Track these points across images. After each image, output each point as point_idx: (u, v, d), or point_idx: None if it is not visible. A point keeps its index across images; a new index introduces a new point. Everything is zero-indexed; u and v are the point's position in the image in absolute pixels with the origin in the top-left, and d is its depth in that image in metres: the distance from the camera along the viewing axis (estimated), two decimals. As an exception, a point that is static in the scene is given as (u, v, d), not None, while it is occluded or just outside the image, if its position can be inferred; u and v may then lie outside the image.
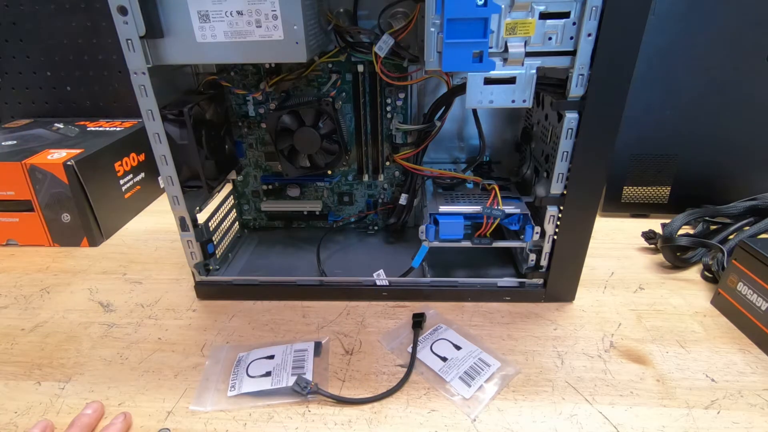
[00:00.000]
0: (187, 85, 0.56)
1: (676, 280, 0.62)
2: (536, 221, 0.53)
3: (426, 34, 0.41)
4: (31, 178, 0.68)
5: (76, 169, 0.68)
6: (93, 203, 0.71)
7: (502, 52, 0.43)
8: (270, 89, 0.59)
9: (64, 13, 0.87)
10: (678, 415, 0.42)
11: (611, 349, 0.50)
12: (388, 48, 0.48)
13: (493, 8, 0.40)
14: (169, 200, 0.52)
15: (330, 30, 0.52)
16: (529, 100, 0.44)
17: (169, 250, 0.71)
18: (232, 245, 0.67)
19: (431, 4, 0.40)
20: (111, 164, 0.77)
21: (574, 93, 0.44)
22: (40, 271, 0.67)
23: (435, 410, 0.43)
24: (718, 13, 0.64)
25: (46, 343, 0.53)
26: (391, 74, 0.54)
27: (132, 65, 0.44)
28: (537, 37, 0.42)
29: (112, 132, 0.82)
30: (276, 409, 0.43)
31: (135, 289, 0.62)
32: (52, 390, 0.46)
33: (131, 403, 0.44)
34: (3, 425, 0.42)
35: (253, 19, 0.42)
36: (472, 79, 0.43)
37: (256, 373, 0.46)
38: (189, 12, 0.42)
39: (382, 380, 0.46)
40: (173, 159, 0.49)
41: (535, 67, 0.43)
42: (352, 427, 0.42)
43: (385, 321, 0.55)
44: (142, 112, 0.47)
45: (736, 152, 0.72)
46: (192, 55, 0.44)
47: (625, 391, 0.45)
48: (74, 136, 0.80)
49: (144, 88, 0.45)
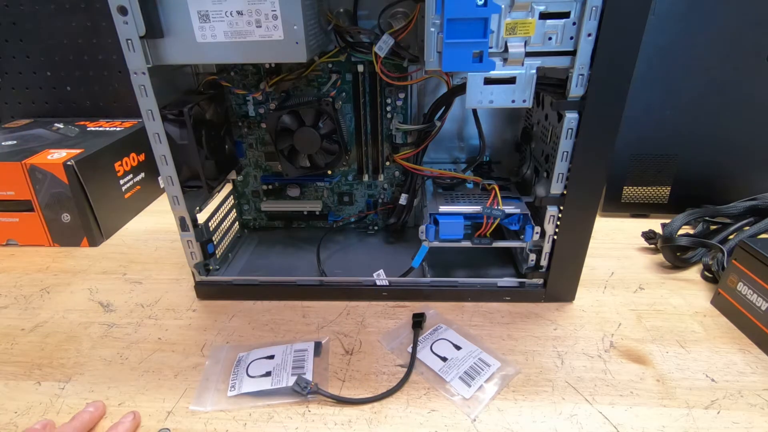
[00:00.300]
0: (187, 85, 0.56)
1: (676, 280, 0.62)
2: (536, 221, 0.53)
3: (426, 34, 0.41)
4: (31, 178, 0.68)
5: (76, 169, 0.68)
6: (93, 203, 0.71)
7: (502, 52, 0.43)
8: (270, 89, 0.59)
9: (64, 13, 0.87)
10: (678, 415, 0.42)
11: (611, 349, 0.50)
12: (388, 48, 0.48)
13: (493, 8, 0.40)
14: (169, 200, 0.52)
15: (330, 30, 0.52)
16: (529, 100, 0.44)
17: (169, 250, 0.71)
18: (232, 245, 0.67)
19: (431, 4, 0.40)
20: (111, 164, 0.77)
21: (574, 93, 0.44)
22: (40, 271, 0.67)
23: (435, 410, 0.43)
24: (718, 13, 0.64)
25: (46, 343, 0.53)
26: (391, 74, 0.54)
27: (132, 65, 0.44)
28: (537, 37, 0.42)
29: (112, 132, 0.82)
30: (276, 409, 0.43)
31: (135, 289, 0.62)
32: (52, 390, 0.46)
33: (131, 403, 0.44)
34: (3, 425, 0.42)
35: (253, 19, 0.42)
36: (472, 79, 0.43)
37: (256, 373, 0.46)
38: (189, 12, 0.42)
39: (382, 380, 0.46)
40: (173, 159, 0.49)
41: (535, 67, 0.43)
42: (352, 427, 0.42)
43: (385, 321, 0.55)
44: (142, 112, 0.47)
45: (736, 152, 0.72)
46: (192, 55, 0.44)
47: (625, 391, 0.45)
48: (74, 136, 0.80)
49: (144, 88, 0.45)
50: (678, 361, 0.48)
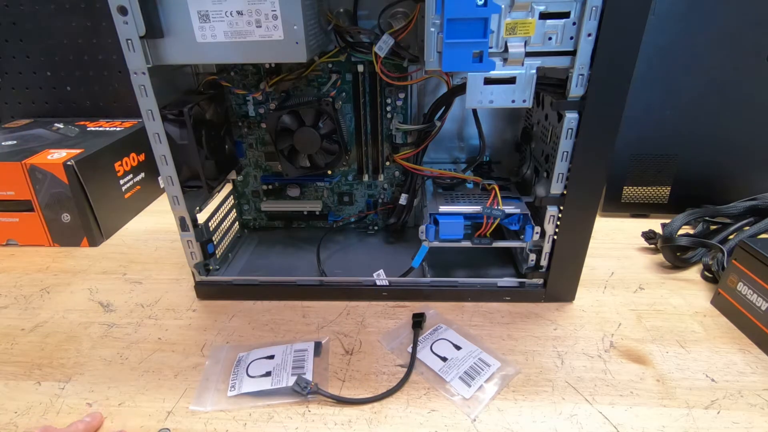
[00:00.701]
0: (187, 85, 0.56)
1: (676, 280, 0.62)
2: (536, 221, 0.53)
3: (426, 34, 0.41)
4: (31, 178, 0.68)
5: (76, 169, 0.68)
6: (93, 203, 0.71)
7: (502, 52, 0.43)
8: (270, 89, 0.59)
9: (64, 13, 0.87)
10: (678, 415, 0.42)
11: (611, 349, 0.50)
12: (388, 48, 0.48)
13: (493, 8, 0.40)
14: (169, 200, 0.52)
15: (330, 30, 0.52)
16: (529, 100, 0.44)
17: (169, 250, 0.71)
18: (232, 245, 0.67)
19: (431, 4, 0.40)
20: (111, 164, 0.77)
21: (574, 93, 0.44)
22: (40, 271, 0.67)
23: (435, 410, 0.43)
24: (718, 13, 0.64)
25: (46, 343, 0.53)
26: (391, 74, 0.54)
27: (132, 65, 0.44)
28: (537, 37, 0.42)
29: (112, 132, 0.82)
30: (276, 409, 0.43)
31: (135, 289, 0.62)
32: (52, 390, 0.46)
33: (131, 403, 0.44)
34: (3, 425, 0.42)
35: (253, 19, 0.42)
36: (471, 79, 0.43)
37: (256, 373, 0.46)
38: (189, 12, 0.42)
39: (383, 380, 0.46)
40: (173, 159, 0.49)
41: (535, 67, 0.43)
42: (352, 427, 0.42)
43: (385, 321, 0.55)
44: (142, 112, 0.47)
45: (736, 152, 0.72)
46: (192, 55, 0.44)
47: (626, 392, 0.45)
48: (74, 136, 0.80)
49: (144, 88, 0.45)
50: (678, 361, 0.48)
